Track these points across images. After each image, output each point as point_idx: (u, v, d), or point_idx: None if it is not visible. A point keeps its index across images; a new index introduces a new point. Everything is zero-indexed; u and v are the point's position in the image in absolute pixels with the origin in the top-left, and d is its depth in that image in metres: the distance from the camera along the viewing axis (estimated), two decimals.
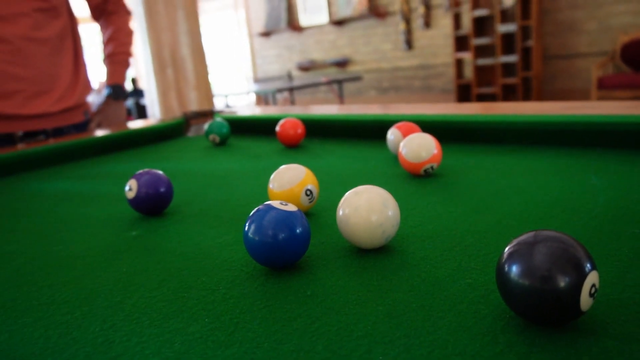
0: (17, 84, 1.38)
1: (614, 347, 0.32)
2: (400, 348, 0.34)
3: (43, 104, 1.43)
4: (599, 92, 6.44)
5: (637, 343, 0.32)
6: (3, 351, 0.39)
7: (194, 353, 0.36)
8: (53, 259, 0.58)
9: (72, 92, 1.51)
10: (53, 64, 1.45)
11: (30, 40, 1.38)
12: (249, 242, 0.47)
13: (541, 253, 0.34)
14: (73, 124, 1.55)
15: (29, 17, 1.37)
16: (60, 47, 1.47)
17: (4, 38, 1.33)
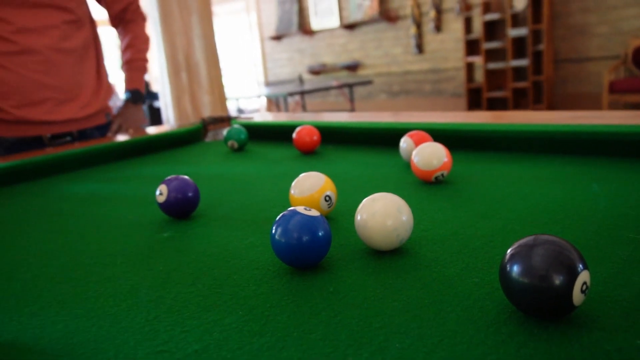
0: (46, 92, 1.47)
1: (602, 337, 0.36)
2: (414, 337, 0.39)
3: (70, 110, 1.53)
4: (610, 96, 6.43)
5: (623, 334, 0.36)
6: (63, 338, 0.44)
7: (232, 340, 0.41)
8: (93, 258, 0.64)
9: (96, 98, 1.61)
10: (78, 72, 1.54)
11: (58, 50, 1.47)
12: (276, 244, 0.52)
13: (539, 255, 0.38)
14: (96, 126, 1.64)
15: (58, 29, 1.46)
16: (85, 55, 1.57)
17: (34, 49, 1.42)
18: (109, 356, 0.41)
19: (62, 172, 1.23)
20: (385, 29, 8.98)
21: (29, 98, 1.45)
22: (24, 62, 1.42)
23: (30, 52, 1.42)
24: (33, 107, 1.46)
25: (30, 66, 1.43)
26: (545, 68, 7.03)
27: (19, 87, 1.43)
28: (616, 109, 6.78)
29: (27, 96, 1.45)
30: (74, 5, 1.50)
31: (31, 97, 1.45)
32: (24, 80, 1.43)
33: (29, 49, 1.42)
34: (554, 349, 0.35)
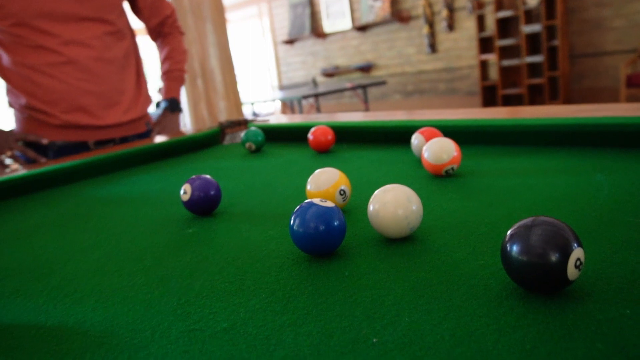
0: (90, 99, 1.59)
1: (595, 308, 0.39)
2: (422, 312, 0.42)
3: (112, 115, 1.65)
4: (627, 90, 6.36)
5: (614, 306, 0.39)
6: (103, 322, 0.49)
7: (257, 319, 0.45)
8: (125, 252, 0.68)
9: (135, 105, 1.72)
10: (120, 80, 1.66)
11: (100, 60, 1.59)
12: (294, 233, 0.56)
13: (537, 234, 0.41)
14: (137, 134, 1.76)
15: (100, 40, 1.58)
16: (125, 64, 1.68)
17: (78, 60, 1.55)
18: (146, 335, 0.45)
19: (90, 176, 1.29)
20: (397, 30, 8.99)
21: (74, 104, 1.57)
22: (68, 71, 1.54)
23: (74, 63, 1.54)
24: (78, 112, 1.58)
25: (74, 75, 1.55)
26: (560, 63, 6.97)
27: (65, 94, 1.55)
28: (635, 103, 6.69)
29: (73, 102, 1.57)
30: (115, 17, 1.61)
31: (76, 103, 1.57)
32: (70, 88, 1.55)
33: (73, 60, 1.54)
34: (550, 318, 0.39)
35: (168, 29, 1.83)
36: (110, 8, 1.59)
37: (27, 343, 0.46)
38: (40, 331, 0.49)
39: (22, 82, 1.54)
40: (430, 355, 0.36)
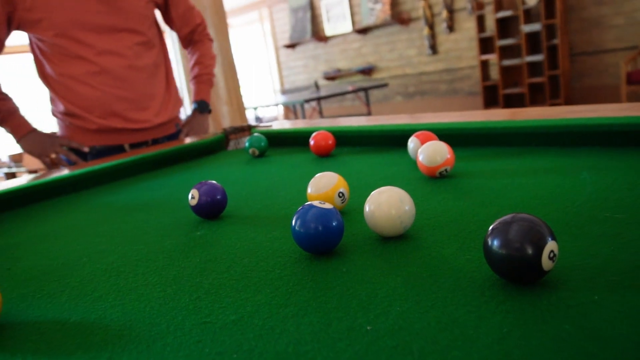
0: (122, 104, 1.73)
1: (567, 295, 0.44)
2: (412, 302, 0.46)
3: (144, 119, 1.78)
4: (628, 87, 6.38)
5: (585, 293, 0.44)
6: (122, 317, 0.53)
7: (262, 312, 0.49)
8: (138, 255, 0.73)
9: (165, 108, 1.85)
10: (150, 86, 1.78)
11: (131, 68, 1.71)
12: (296, 233, 0.61)
13: (514, 230, 0.46)
14: (167, 135, 1.89)
15: (131, 50, 1.70)
16: (155, 71, 1.80)
17: (111, 69, 1.68)
18: (162, 328, 0.49)
19: (99, 184, 1.33)
20: (398, 32, 9.04)
21: (109, 110, 1.71)
22: (102, 80, 1.67)
23: (107, 72, 1.67)
24: (112, 117, 1.72)
25: (107, 83, 1.68)
26: (561, 62, 7.00)
27: (100, 101, 1.69)
28: (635, 100, 6.72)
29: (107, 108, 1.71)
30: (145, 28, 1.74)
31: (110, 109, 1.71)
32: (104, 95, 1.68)
33: (106, 69, 1.67)
34: (525, 305, 0.43)
35: (198, 36, 1.96)
36: (142, 20, 1.72)
37: (54, 337, 0.51)
38: (64, 326, 0.53)
39: (61, 89, 1.68)
40: (418, 340, 0.40)
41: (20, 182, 1.26)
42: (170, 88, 1.89)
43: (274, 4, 10.98)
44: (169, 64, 1.90)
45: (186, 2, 1.90)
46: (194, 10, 1.94)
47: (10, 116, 1.68)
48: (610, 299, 0.42)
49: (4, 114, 1.67)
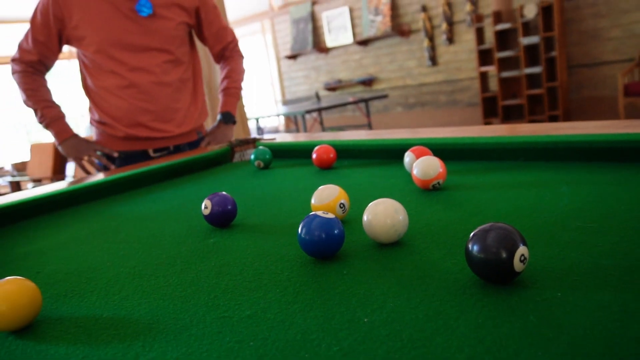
0: (147, 116, 1.92)
1: (535, 292, 0.51)
2: (403, 300, 0.54)
3: (166, 129, 1.97)
4: (625, 99, 6.46)
5: (550, 290, 0.51)
6: (149, 313, 0.61)
7: (273, 308, 0.57)
8: (158, 260, 0.80)
9: (189, 120, 2.01)
10: (174, 100, 1.94)
11: (158, 84, 1.89)
12: (301, 240, 0.68)
13: (491, 237, 0.53)
14: (188, 142, 2.06)
15: (159, 67, 1.88)
16: (181, 86, 1.96)
17: (139, 84, 1.87)
18: (186, 321, 0.57)
19: (112, 194, 1.41)
20: (398, 43, 9.15)
21: (135, 120, 1.91)
22: (131, 93, 1.87)
23: (136, 86, 1.87)
24: (138, 126, 1.92)
25: (136, 96, 1.88)
26: (559, 74, 7.09)
27: (127, 111, 1.89)
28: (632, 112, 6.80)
29: (133, 118, 1.90)
30: (174, 47, 1.92)
31: (136, 119, 1.91)
32: (131, 107, 1.89)
33: (135, 84, 1.86)
34: (499, 301, 0.50)
35: (229, 53, 2.12)
36: (172, 40, 1.90)
37: (90, 329, 0.58)
38: (98, 321, 0.60)
39: (97, 100, 1.92)
40: (408, 329, 0.48)
41: (37, 193, 1.34)
42: (196, 101, 2.06)
43: (276, 16, 11.11)
44: (199, 78, 2.06)
45: (220, 22, 2.05)
46: (227, 29, 2.10)
47: (55, 122, 1.92)
48: (571, 296, 0.49)
49: (50, 120, 1.90)
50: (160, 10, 1.86)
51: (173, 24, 1.89)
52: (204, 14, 2.00)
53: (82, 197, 1.37)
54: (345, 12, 9.71)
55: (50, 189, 1.39)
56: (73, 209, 1.31)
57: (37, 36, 1.84)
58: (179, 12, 1.91)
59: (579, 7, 6.94)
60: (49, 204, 1.30)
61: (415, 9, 8.71)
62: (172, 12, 1.89)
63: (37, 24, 1.83)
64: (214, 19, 2.04)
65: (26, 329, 0.61)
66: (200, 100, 2.07)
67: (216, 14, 2.04)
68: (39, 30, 1.84)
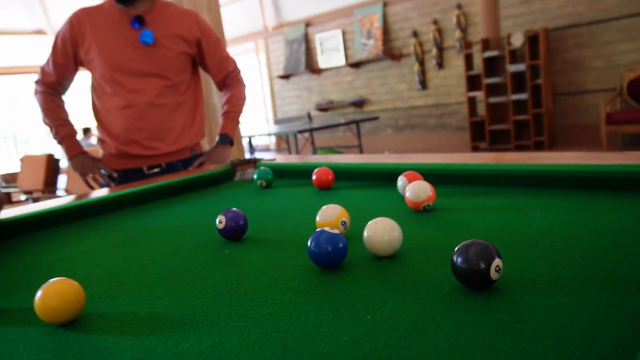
0: (141, 134, 2.08)
1: (507, 296, 0.62)
2: (399, 302, 0.65)
3: (158, 147, 2.09)
4: (607, 127, 6.67)
5: (519, 295, 0.62)
6: (181, 311, 0.71)
7: (289, 307, 0.67)
8: (179, 267, 0.90)
9: (182, 139, 2.16)
10: (168, 121, 2.09)
11: (153, 106, 2.04)
12: (311, 252, 0.79)
13: (472, 250, 0.65)
14: (181, 160, 2.21)
15: (156, 91, 2.04)
16: (176, 109, 2.11)
17: (137, 104, 2.04)
18: (214, 318, 0.67)
19: (122, 208, 1.51)
20: (389, 67, 9.37)
21: (129, 138, 2.08)
22: (128, 113, 2.05)
23: (133, 107, 2.04)
24: (131, 144, 2.09)
25: (132, 116, 2.05)
26: (544, 101, 7.31)
27: (123, 130, 2.07)
28: (614, 139, 7.02)
29: (128, 136, 2.07)
30: (173, 75, 2.09)
31: (131, 137, 2.08)
32: (127, 126, 2.06)
33: (132, 104, 2.04)
34: (477, 303, 0.61)
35: (230, 81, 2.29)
36: (170, 68, 2.07)
37: (131, 324, 0.68)
38: (136, 317, 0.70)
39: (102, 119, 2.11)
40: (404, 324, 0.59)
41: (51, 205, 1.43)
42: (193, 122, 2.22)
43: (270, 36, 11.32)
44: (199, 101, 2.24)
45: (221, 52, 2.23)
46: (229, 59, 2.27)
47: (67, 139, 2.13)
48: (535, 299, 0.61)
49: (62, 137, 2.12)
50: (162, 41, 2.05)
51: (173, 53, 2.07)
52: (205, 45, 2.16)
53: (93, 211, 1.46)
54: (338, 35, 9.93)
55: (63, 202, 1.49)
56: (87, 220, 1.41)
57: (57, 59, 2.06)
58: (180, 42, 2.09)
59: (563, 37, 7.21)
60: (63, 217, 1.39)
61: (407, 34, 8.95)
62: (173, 43, 2.07)
63: (57, 48, 2.06)
64: (216, 50, 2.20)
65: (72, 323, 0.71)
66: (197, 121, 2.22)
67: (218, 46, 2.20)
68: (58, 54, 2.06)
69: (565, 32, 7.20)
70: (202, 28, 2.15)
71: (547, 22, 7.27)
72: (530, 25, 7.40)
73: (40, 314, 0.70)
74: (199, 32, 2.14)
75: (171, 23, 2.08)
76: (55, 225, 1.37)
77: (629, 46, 6.75)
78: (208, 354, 0.57)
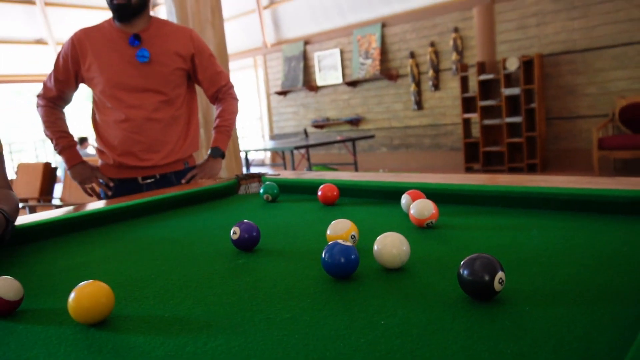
0: (137, 146, 2.18)
1: (510, 307, 0.68)
2: (409, 309, 0.70)
3: (154, 159, 2.22)
4: (599, 152, 6.79)
5: (520, 305, 0.68)
6: (205, 314, 0.76)
7: (307, 313, 0.72)
8: (197, 275, 0.95)
9: (177, 152, 2.24)
10: (164, 134, 2.19)
11: (149, 120, 2.15)
12: (325, 263, 0.84)
13: (477, 264, 0.70)
14: (174, 171, 2.29)
15: (153, 106, 2.14)
16: (172, 123, 2.21)
17: (134, 119, 2.15)
18: (238, 320, 0.72)
19: (128, 218, 1.56)
20: (386, 86, 9.50)
21: (126, 150, 2.18)
22: (125, 127, 2.15)
23: (130, 121, 2.14)
24: (128, 155, 2.19)
25: (129, 129, 2.15)
26: (538, 125, 7.43)
27: (121, 142, 2.17)
28: (605, 164, 7.14)
29: (125, 148, 2.18)
30: (168, 89, 2.19)
31: (127, 149, 2.18)
32: (124, 138, 2.16)
33: (130, 118, 2.14)
34: (482, 311, 0.67)
35: (222, 95, 2.38)
36: (166, 83, 2.17)
37: (159, 325, 0.73)
38: (162, 319, 0.75)
39: (101, 132, 2.22)
40: (416, 329, 0.64)
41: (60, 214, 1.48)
42: (187, 135, 2.30)
43: (269, 52, 11.45)
44: (193, 115, 2.32)
45: (214, 67, 2.30)
46: (222, 74, 2.33)
47: (66, 150, 2.24)
48: (535, 309, 0.66)
49: (62, 147, 2.22)
50: (158, 58, 2.14)
51: (169, 69, 2.16)
52: (199, 60, 2.25)
53: (100, 221, 1.50)
54: (336, 54, 10.07)
55: (69, 211, 1.53)
56: (98, 229, 1.45)
57: (58, 76, 2.18)
58: (176, 59, 2.18)
59: (557, 63, 7.37)
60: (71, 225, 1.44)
61: (404, 55, 9.09)
62: (169, 59, 2.17)
63: (59, 65, 2.17)
64: (208, 65, 2.28)
65: (102, 323, 0.76)
66: (191, 134, 2.31)
67: (211, 61, 2.29)
68: (59, 71, 2.17)
69: (559, 58, 7.36)
70: (196, 44, 2.24)
71: (542, 48, 7.44)
72: (525, 51, 7.55)
73: (73, 314, 0.75)
74: (193, 48, 2.23)
75: (167, 40, 2.18)
76: (66, 233, 1.41)
77: (621, 74, 6.91)
78: (236, 352, 0.63)
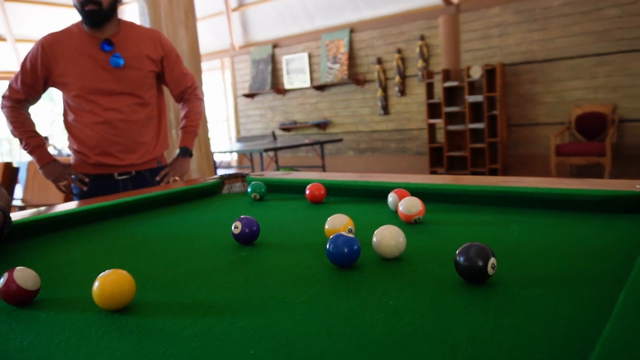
0: (115, 147, 2.26)
1: (501, 288, 0.77)
2: (413, 292, 0.78)
3: (131, 158, 2.30)
4: (557, 158, 7.08)
5: (510, 287, 0.77)
6: (223, 299, 0.82)
7: (320, 297, 0.79)
8: (204, 267, 1.01)
9: (151, 151, 2.33)
10: (139, 135, 2.27)
11: (126, 121, 2.23)
12: (330, 253, 0.92)
13: (472, 250, 0.79)
14: (149, 169, 2.39)
15: (129, 108, 2.22)
16: (146, 123, 2.30)
17: (111, 121, 2.18)
18: (256, 304, 0.78)
19: (117, 216, 1.59)
20: (353, 91, 9.64)
21: (104, 150, 2.25)
22: (103, 128, 2.23)
23: (108, 123, 2.23)
24: (106, 155, 2.27)
25: (107, 131, 2.23)
26: (499, 131, 7.70)
27: (99, 142, 2.24)
28: (562, 170, 7.46)
29: (103, 149, 2.25)
30: (143, 92, 2.30)
31: (105, 150, 2.25)
32: (103, 139, 2.23)
33: (107, 120, 2.23)
34: (477, 292, 0.76)
35: (187, 96, 2.47)
36: (140, 86, 2.27)
37: (181, 309, 0.79)
38: (184, 304, 0.81)
39: (76, 132, 2.27)
40: (422, 307, 0.72)
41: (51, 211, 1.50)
42: (159, 135, 2.42)
43: (237, 54, 11.43)
44: (163, 116, 2.42)
45: (180, 69, 2.40)
46: (187, 75, 2.43)
47: (37, 149, 2.28)
48: (524, 291, 0.76)
49: (33, 147, 2.26)
50: (132, 62, 2.22)
51: (142, 73, 2.25)
52: (167, 62, 2.35)
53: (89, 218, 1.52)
54: (304, 58, 10.16)
55: (60, 208, 1.56)
56: (89, 227, 1.48)
57: (25, 79, 2.20)
58: (148, 62, 2.27)
59: (518, 72, 7.66)
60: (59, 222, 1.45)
61: (371, 60, 9.26)
62: (141, 63, 2.25)
63: (26, 69, 2.19)
64: (175, 67, 2.38)
65: (125, 309, 0.81)
66: (162, 134, 2.41)
67: (177, 62, 2.38)
68: (27, 75, 2.19)
69: (519, 68, 7.65)
70: (165, 47, 2.33)
71: (504, 58, 7.72)
72: (488, 60, 7.82)
73: (98, 301, 0.79)
74: (162, 50, 2.32)
75: (138, 44, 2.25)
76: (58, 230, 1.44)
77: (577, 84, 7.25)
78: (262, 330, 0.69)
